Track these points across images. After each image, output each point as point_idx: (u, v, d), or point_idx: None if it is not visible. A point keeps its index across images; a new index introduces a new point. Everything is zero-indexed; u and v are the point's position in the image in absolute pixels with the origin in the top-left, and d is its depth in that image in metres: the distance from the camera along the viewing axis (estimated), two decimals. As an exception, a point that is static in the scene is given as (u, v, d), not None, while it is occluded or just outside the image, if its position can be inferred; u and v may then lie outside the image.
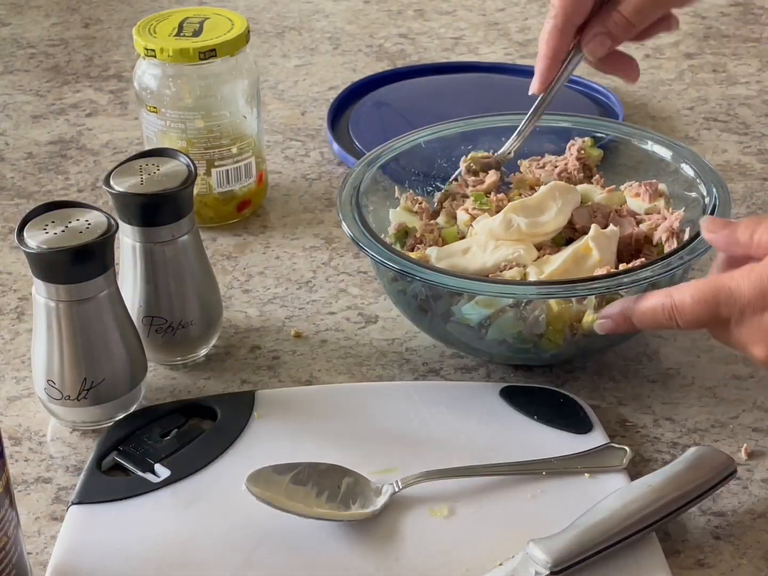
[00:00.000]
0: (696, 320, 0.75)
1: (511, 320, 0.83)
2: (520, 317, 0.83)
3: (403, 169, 0.98)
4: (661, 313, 0.76)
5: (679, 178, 0.94)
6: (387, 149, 0.97)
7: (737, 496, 0.78)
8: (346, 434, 0.82)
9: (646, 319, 0.78)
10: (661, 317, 0.76)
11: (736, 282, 0.73)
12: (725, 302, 0.73)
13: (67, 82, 1.35)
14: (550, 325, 0.83)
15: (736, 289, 0.73)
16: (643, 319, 0.78)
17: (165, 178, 0.87)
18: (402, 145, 0.98)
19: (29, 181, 1.17)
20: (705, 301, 0.74)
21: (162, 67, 1.02)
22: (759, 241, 0.75)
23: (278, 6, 1.54)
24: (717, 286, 0.74)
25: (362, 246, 0.85)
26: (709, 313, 0.74)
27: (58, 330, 0.82)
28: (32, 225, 0.81)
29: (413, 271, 0.83)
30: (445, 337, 0.88)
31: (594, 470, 0.78)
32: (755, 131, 1.21)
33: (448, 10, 1.52)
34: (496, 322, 0.83)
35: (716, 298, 0.74)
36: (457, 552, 0.73)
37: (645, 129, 1.00)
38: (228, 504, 0.77)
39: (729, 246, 0.77)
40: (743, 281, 0.73)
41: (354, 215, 0.89)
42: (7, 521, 0.67)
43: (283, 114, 1.28)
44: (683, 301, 0.75)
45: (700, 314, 0.75)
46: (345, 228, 0.87)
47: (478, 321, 0.84)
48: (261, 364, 0.92)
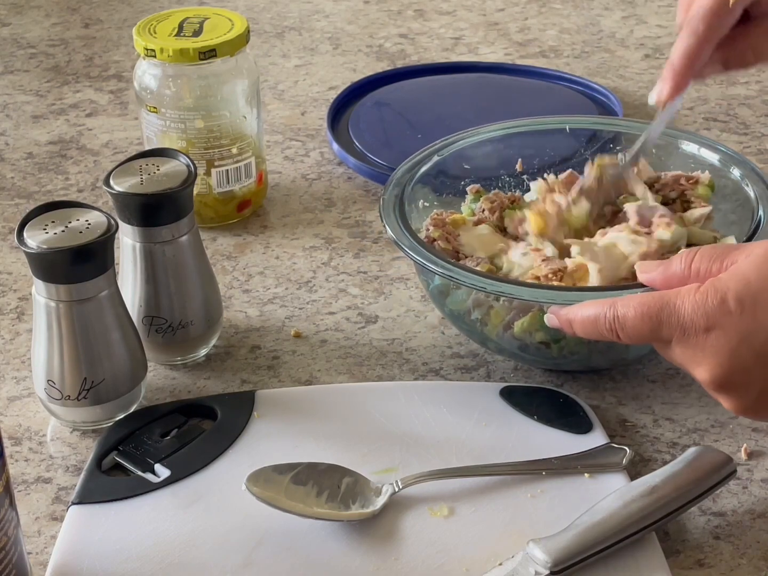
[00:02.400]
0: (638, 336, 0.73)
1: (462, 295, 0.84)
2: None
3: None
4: (603, 324, 0.74)
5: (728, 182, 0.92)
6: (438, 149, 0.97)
7: (737, 496, 0.78)
8: (346, 434, 0.82)
9: (587, 327, 0.76)
10: (602, 328, 0.74)
11: (681, 299, 0.71)
12: (667, 320, 0.71)
13: (67, 82, 1.35)
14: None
15: (680, 306, 0.71)
16: (583, 326, 0.76)
17: (165, 178, 0.87)
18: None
19: (29, 181, 1.17)
20: (648, 316, 0.72)
21: (162, 67, 1.03)
22: (698, 270, 0.73)
23: (278, 6, 1.54)
24: (661, 302, 0.72)
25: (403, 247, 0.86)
26: (650, 329, 0.72)
27: (58, 330, 0.82)
28: (32, 225, 0.81)
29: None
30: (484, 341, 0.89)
31: (594, 470, 0.78)
32: (755, 131, 1.21)
33: (448, 10, 1.52)
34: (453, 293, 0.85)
35: (659, 315, 0.72)
36: (457, 552, 0.73)
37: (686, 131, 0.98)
38: (228, 504, 0.77)
39: (667, 281, 0.75)
40: (688, 298, 0.71)
41: (396, 216, 0.89)
42: (7, 521, 0.67)
43: (283, 114, 1.28)
44: (625, 315, 0.73)
45: (641, 330, 0.73)
46: (389, 232, 0.87)
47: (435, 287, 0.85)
48: (261, 364, 0.92)
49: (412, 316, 0.96)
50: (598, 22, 1.47)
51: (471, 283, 0.81)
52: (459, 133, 0.98)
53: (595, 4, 1.52)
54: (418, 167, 0.94)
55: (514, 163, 0.98)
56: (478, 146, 0.98)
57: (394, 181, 0.92)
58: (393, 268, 1.02)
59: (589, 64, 1.36)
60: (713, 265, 0.73)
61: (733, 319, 0.69)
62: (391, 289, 0.99)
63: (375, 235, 1.06)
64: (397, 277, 1.01)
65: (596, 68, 1.35)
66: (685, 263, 0.74)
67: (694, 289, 0.71)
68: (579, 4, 1.52)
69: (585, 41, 1.42)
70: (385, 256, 1.04)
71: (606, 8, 1.51)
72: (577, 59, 1.37)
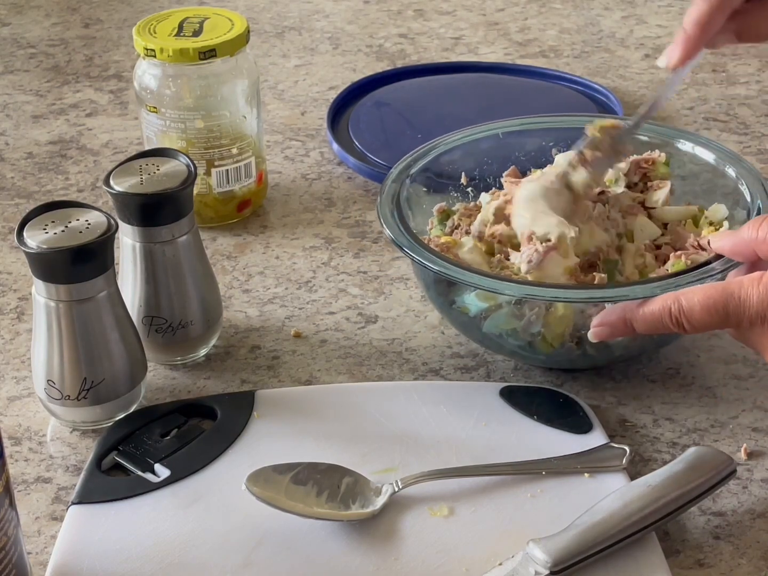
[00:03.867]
0: (704, 326, 0.76)
1: (505, 316, 0.83)
2: (514, 314, 0.83)
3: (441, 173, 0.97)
4: (669, 318, 0.76)
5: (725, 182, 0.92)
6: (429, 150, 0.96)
7: (737, 496, 0.78)
8: (346, 434, 0.82)
9: (651, 323, 0.77)
10: (668, 321, 0.76)
11: (745, 291, 0.73)
12: (734, 312, 0.74)
13: (67, 82, 1.35)
14: (549, 327, 0.83)
15: (746, 299, 0.73)
16: (647, 322, 0.77)
17: (165, 178, 0.87)
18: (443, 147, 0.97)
19: (29, 181, 1.17)
20: (715, 309, 0.74)
21: (162, 67, 1.02)
22: (765, 237, 0.75)
23: (278, 6, 1.54)
24: (726, 295, 0.74)
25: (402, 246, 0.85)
26: (718, 321, 0.75)
27: (58, 330, 0.82)
28: (32, 225, 0.81)
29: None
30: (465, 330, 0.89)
31: (594, 470, 0.78)
32: (755, 131, 1.21)
33: (448, 10, 1.52)
34: (492, 316, 0.84)
35: (725, 307, 0.74)
36: (457, 552, 0.73)
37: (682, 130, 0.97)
38: (228, 504, 0.77)
39: (736, 247, 0.78)
40: (752, 290, 0.73)
41: (394, 215, 0.88)
42: (7, 521, 0.67)
43: (283, 114, 1.28)
44: (692, 308, 0.75)
45: (708, 321, 0.75)
46: (386, 231, 0.87)
47: (476, 313, 0.84)
48: (261, 363, 0.92)
49: (412, 316, 0.96)
50: (598, 22, 1.47)
51: (471, 282, 0.81)
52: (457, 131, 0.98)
53: (595, 4, 1.52)
54: (412, 166, 0.94)
55: (512, 161, 0.98)
56: (474, 144, 0.98)
57: (390, 179, 0.92)
58: (393, 268, 1.02)
59: (589, 64, 1.36)
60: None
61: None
62: (391, 289, 0.99)
63: (375, 235, 1.06)
64: (397, 277, 1.01)
65: (596, 68, 1.35)
66: (753, 230, 0.76)
67: (756, 280, 0.73)
68: (579, 4, 1.52)
69: (585, 41, 1.42)
70: (385, 256, 1.04)
71: (606, 8, 1.51)
72: (577, 59, 1.37)
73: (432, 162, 0.95)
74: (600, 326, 0.80)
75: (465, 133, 0.98)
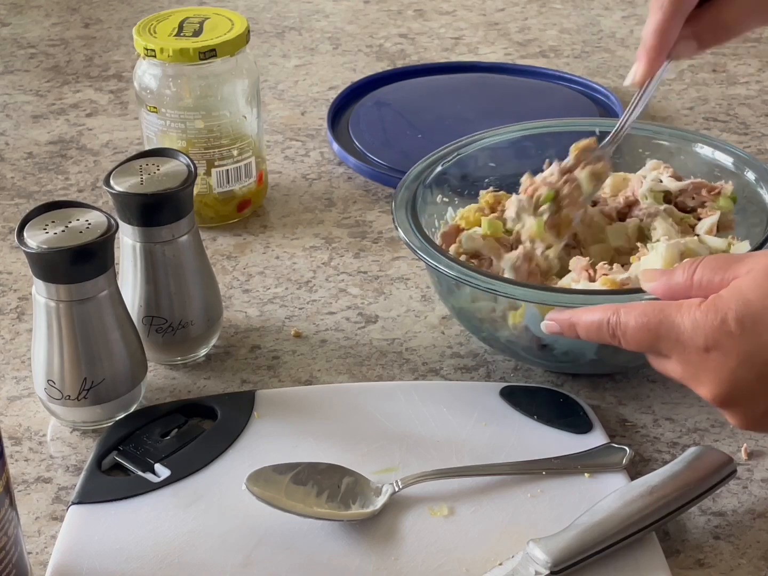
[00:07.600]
0: (637, 344, 0.73)
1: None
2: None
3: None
4: (606, 329, 0.74)
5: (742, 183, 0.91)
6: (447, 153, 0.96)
7: (737, 496, 0.78)
8: (346, 434, 0.82)
9: (591, 330, 0.75)
10: (606, 332, 0.74)
11: (681, 316, 0.70)
12: (666, 335, 0.71)
13: (67, 82, 1.35)
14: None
15: (679, 323, 0.70)
16: (587, 330, 0.76)
17: (165, 178, 0.87)
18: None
19: (29, 181, 1.17)
20: (647, 328, 0.72)
21: (162, 67, 1.03)
22: (700, 282, 0.72)
23: (278, 6, 1.54)
24: (661, 317, 0.71)
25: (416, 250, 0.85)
26: (648, 343, 0.72)
27: (58, 330, 0.82)
28: (32, 225, 0.81)
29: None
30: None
31: (594, 470, 0.78)
32: (755, 131, 1.21)
33: (448, 10, 1.52)
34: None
35: (658, 329, 0.71)
36: (457, 552, 0.73)
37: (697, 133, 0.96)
38: (228, 504, 0.77)
39: (669, 292, 0.74)
40: (687, 316, 0.70)
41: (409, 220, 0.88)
42: (7, 521, 0.67)
43: (283, 114, 1.28)
44: (627, 323, 0.73)
45: (640, 339, 0.72)
46: (402, 235, 0.87)
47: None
48: (261, 363, 0.92)
49: (412, 316, 0.96)
50: (598, 22, 1.47)
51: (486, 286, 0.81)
52: (478, 133, 0.98)
53: (595, 4, 1.52)
54: (430, 169, 0.94)
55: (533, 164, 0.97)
56: (495, 147, 0.97)
57: (406, 183, 0.92)
58: (393, 268, 1.02)
59: (589, 64, 1.36)
60: (715, 277, 0.71)
61: (734, 340, 0.68)
62: (391, 289, 0.99)
63: (375, 235, 1.06)
64: (397, 277, 1.01)
65: (596, 68, 1.35)
66: (687, 274, 0.73)
67: (695, 305, 0.70)
68: (579, 4, 1.52)
69: (585, 41, 1.42)
70: (385, 256, 1.04)
71: (606, 8, 1.51)
72: (577, 59, 1.37)
73: (454, 165, 0.95)
74: (551, 321, 0.79)
75: (488, 134, 0.97)
